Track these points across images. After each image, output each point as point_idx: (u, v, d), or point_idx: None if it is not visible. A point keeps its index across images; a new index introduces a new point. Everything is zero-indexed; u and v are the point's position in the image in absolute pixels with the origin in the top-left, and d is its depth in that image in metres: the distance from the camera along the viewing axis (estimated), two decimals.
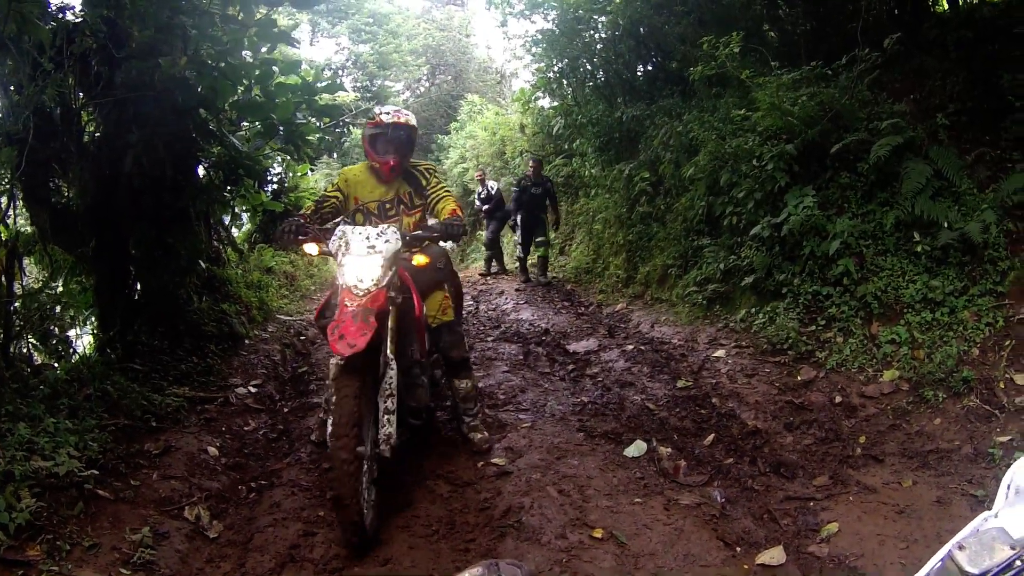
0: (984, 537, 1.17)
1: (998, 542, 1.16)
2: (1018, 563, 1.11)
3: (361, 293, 5.13)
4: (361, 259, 5.30)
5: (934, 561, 1.21)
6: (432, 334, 6.50)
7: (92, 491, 5.18)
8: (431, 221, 6.41)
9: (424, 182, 6.52)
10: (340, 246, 5.44)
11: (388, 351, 5.30)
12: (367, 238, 5.42)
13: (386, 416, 5.15)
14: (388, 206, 6.45)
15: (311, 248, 5.80)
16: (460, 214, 6.20)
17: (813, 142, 9.57)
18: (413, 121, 6.55)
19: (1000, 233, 7.54)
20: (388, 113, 6.48)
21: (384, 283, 5.26)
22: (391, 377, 5.24)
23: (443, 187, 6.58)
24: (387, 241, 5.41)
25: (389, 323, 5.36)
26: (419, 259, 5.85)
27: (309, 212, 6.33)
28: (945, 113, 8.76)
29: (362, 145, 6.65)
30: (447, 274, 6.61)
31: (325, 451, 6.23)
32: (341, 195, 6.48)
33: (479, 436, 6.73)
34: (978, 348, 7.01)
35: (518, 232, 16.55)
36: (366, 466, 5.02)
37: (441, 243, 6.20)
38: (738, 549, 5.10)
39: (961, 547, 1.16)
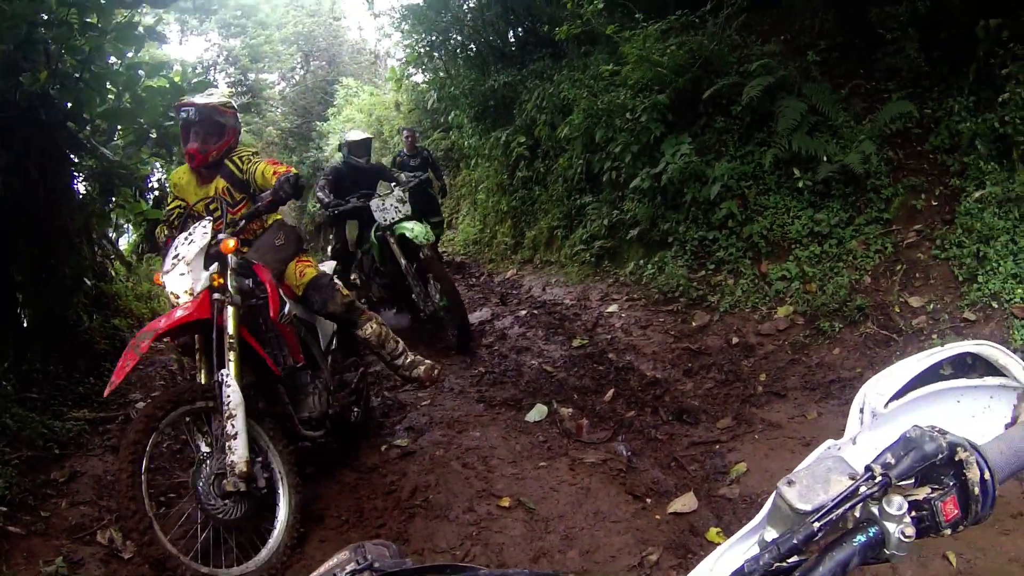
0: (818, 469, 1.02)
1: (835, 473, 1.00)
2: (863, 489, 0.94)
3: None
4: (168, 274, 4.81)
5: (769, 501, 1.01)
6: (304, 303, 5.79)
7: (3, 528, 4.94)
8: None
9: (239, 172, 5.69)
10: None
11: (228, 367, 4.60)
12: (175, 247, 4.93)
13: (227, 443, 4.45)
14: (212, 206, 5.63)
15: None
16: (287, 169, 5.42)
17: (685, 90, 9.56)
18: (215, 100, 5.79)
19: (881, 162, 7.60)
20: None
21: (200, 287, 4.73)
22: (227, 396, 4.50)
23: (256, 161, 5.69)
24: (191, 242, 4.87)
25: (229, 329, 4.67)
26: (226, 245, 4.96)
27: (164, 232, 5.78)
28: (816, 50, 8.77)
29: None
30: (292, 243, 5.78)
31: None
32: (181, 202, 5.84)
33: (423, 368, 6.05)
34: (870, 276, 7.05)
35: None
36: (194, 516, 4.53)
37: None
38: (648, 500, 5.00)
39: (790, 482, 1.00)
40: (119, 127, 8.78)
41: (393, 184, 9.56)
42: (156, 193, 10.93)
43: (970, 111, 7.24)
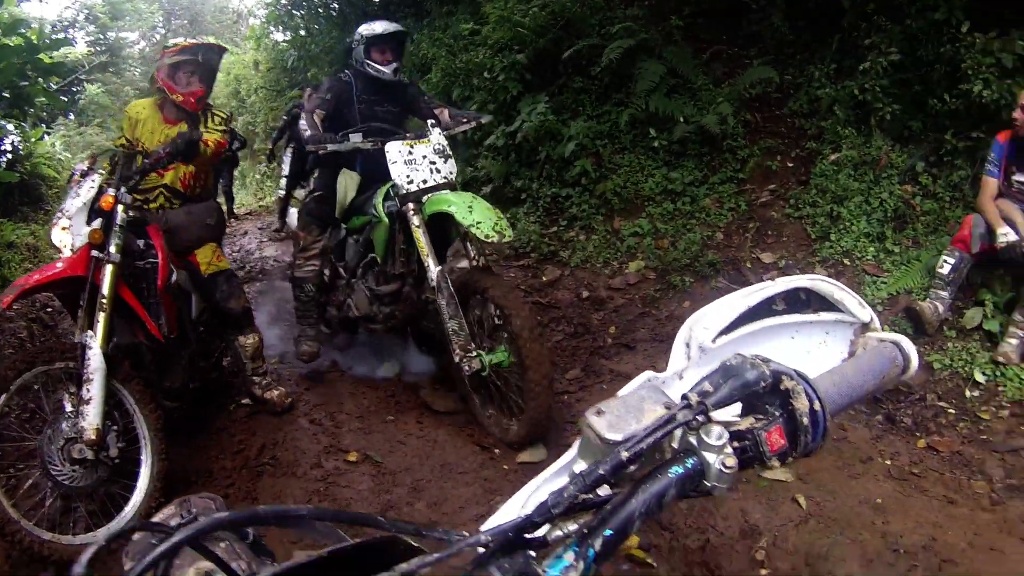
0: (630, 399, 0.98)
1: (648, 402, 0.97)
2: (679, 417, 0.92)
3: None
4: (53, 228, 4.58)
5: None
6: (204, 286, 5.51)
7: None
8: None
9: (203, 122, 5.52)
10: None
11: (96, 329, 4.30)
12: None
13: (81, 407, 4.23)
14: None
15: None
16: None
17: (545, 50, 9.57)
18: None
19: (738, 124, 7.78)
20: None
21: (79, 242, 4.45)
22: (88, 359, 4.23)
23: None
24: (76, 196, 4.57)
25: (103, 289, 4.35)
26: (106, 200, 4.54)
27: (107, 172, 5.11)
28: (680, 15, 8.87)
29: (156, 85, 5.51)
30: (219, 227, 5.66)
31: None
32: (127, 142, 5.45)
33: (277, 393, 5.86)
34: (722, 232, 7.23)
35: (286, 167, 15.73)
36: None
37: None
38: (496, 451, 5.05)
39: (600, 412, 0.96)
40: None
41: (431, 123, 5.70)
42: (10, 156, 10.47)
43: (830, 78, 7.46)
